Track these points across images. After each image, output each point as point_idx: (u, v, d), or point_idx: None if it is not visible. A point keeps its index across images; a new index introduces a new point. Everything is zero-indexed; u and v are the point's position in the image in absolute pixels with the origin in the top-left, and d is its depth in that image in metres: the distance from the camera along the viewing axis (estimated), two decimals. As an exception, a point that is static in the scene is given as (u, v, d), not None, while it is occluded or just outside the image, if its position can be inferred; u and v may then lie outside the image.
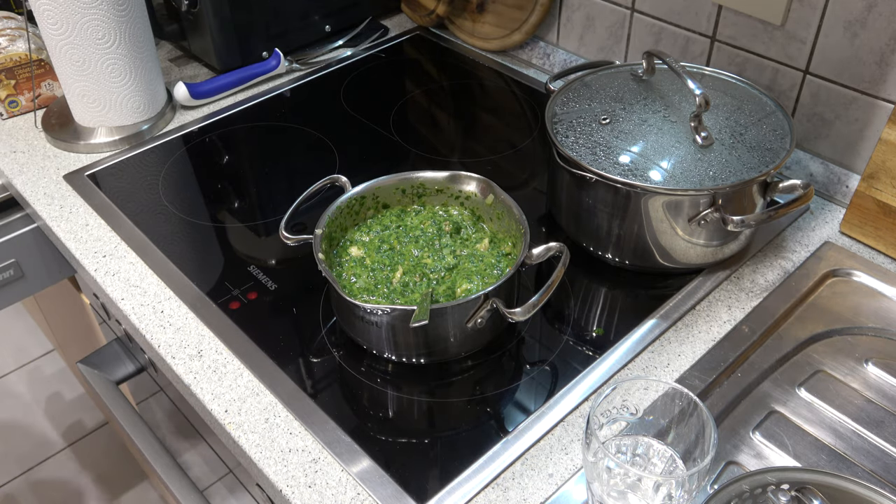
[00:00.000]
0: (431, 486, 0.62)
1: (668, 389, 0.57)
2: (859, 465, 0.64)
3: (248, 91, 1.14)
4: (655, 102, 0.81)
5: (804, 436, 0.67)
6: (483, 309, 0.66)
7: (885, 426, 0.67)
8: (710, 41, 0.95)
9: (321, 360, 0.73)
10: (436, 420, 0.69)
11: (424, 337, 0.68)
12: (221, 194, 0.96)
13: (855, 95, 0.84)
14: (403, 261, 0.75)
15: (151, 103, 1.04)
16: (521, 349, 0.75)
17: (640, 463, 0.58)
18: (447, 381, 0.71)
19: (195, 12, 1.10)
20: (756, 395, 0.70)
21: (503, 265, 0.74)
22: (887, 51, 0.80)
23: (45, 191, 0.96)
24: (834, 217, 0.88)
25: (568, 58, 1.13)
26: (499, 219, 0.76)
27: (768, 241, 0.84)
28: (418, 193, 0.79)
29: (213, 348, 0.74)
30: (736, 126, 0.78)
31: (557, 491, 0.62)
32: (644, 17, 1.01)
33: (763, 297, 0.78)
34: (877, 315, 0.76)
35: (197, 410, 0.73)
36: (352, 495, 0.61)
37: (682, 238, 0.76)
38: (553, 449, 0.65)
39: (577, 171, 0.76)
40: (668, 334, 0.74)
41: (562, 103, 0.84)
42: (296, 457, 0.64)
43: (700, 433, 0.55)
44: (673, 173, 0.74)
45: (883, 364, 0.72)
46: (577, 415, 0.67)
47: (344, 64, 1.20)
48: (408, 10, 1.30)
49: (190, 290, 0.80)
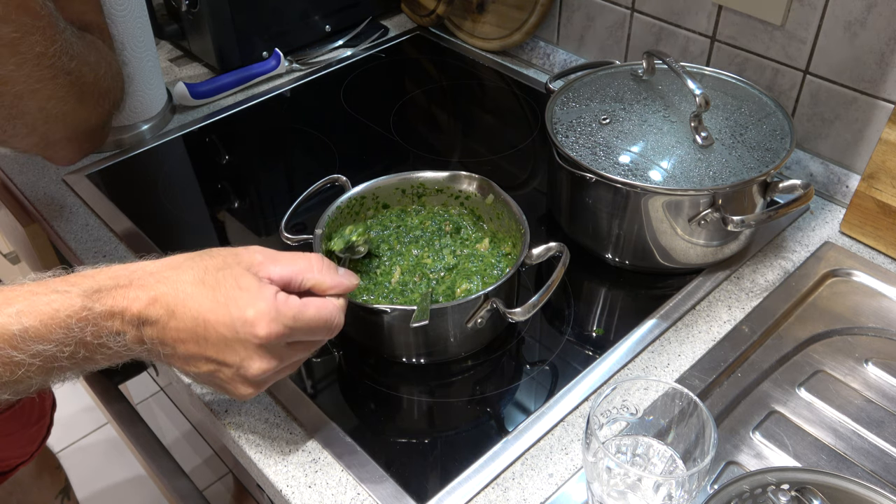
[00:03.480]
0: (431, 486, 0.62)
1: (668, 389, 0.57)
2: (859, 465, 0.64)
3: (248, 91, 1.14)
4: (655, 102, 0.81)
5: (804, 436, 0.67)
6: (483, 309, 0.66)
7: (885, 426, 0.67)
8: (710, 41, 0.95)
9: (321, 360, 0.73)
10: (436, 420, 0.69)
11: (424, 337, 0.68)
12: (221, 194, 0.96)
13: (855, 95, 0.84)
14: (403, 261, 0.75)
15: (151, 103, 1.04)
16: (521, 349, 0.75)
17: (640, 463, 0.58)
18: (447, 381, 0.71)
19: (195, 12, 1.10)
20: (756, 395, 0.70)
21: (503, 265, 0.74)
22: (887, 51, 0.80)
23: (45, 191, 0.96)
24: (834, 217, 0.88)
25: (568, 58, 1.13)
26: (499, 219, 0.76)
27: (768, 241, 0.84)
28: (418, 193, 0.79)
29: (213, 348, 0.74)
30: (736, 126, 0.78)
31: (557, 491, 0.62)
32: (644, 17, 1.01)
33: (763, 297, 0.78)
34: (877, 315, 0.76)
35: (197, 410, 0.72)
36: (352, 495, 0.61)
37: (682, 238, 0.76)
38: (553, 449, 0.65)
39: (577, 171, 0.76)
40: (668, 334, 0.74)
41: (562, 103, 0.84)
42: (296, 457, 0.64)
43: (700, 433, 0.55)
44: (673, 173, 0.74)
45: (883, 364, 0.72)
46: (577, 415, 0.67)
47: (344, 64, 1.20)
48: (408, 10, 1.30)
49: (190, 290, 0.80)
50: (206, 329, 0.52)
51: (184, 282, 0.52)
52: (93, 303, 0.50)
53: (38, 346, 0.48)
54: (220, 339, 0.52)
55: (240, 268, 0.54)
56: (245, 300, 0.52)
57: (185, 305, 0.52)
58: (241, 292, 0.52)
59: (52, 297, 0.49)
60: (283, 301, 0.53)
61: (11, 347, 0.48)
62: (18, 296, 0.50)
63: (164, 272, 0.53)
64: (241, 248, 0.56)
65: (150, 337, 0.52)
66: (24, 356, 0.48)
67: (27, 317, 0.48)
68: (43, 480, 1.05)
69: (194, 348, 0.53)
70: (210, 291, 0.52)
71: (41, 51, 0.66)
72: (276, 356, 0.54)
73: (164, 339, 0.53)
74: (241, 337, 0.52)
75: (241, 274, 0.53)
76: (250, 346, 0.53)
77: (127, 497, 1.63)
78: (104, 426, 1.77)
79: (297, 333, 0.54)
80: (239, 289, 0.53)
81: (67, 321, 0.49)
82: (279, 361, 0.55)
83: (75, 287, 0.50)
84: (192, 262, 0.54)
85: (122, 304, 0.51)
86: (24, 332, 0.48)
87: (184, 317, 0.52)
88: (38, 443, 0.90)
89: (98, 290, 0.51)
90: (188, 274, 0.53)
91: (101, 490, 1.64)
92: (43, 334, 0.49)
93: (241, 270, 0.54)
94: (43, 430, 0.91)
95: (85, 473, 1.63)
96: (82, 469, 1.65)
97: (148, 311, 0.51)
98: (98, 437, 1.75)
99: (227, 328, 0.52)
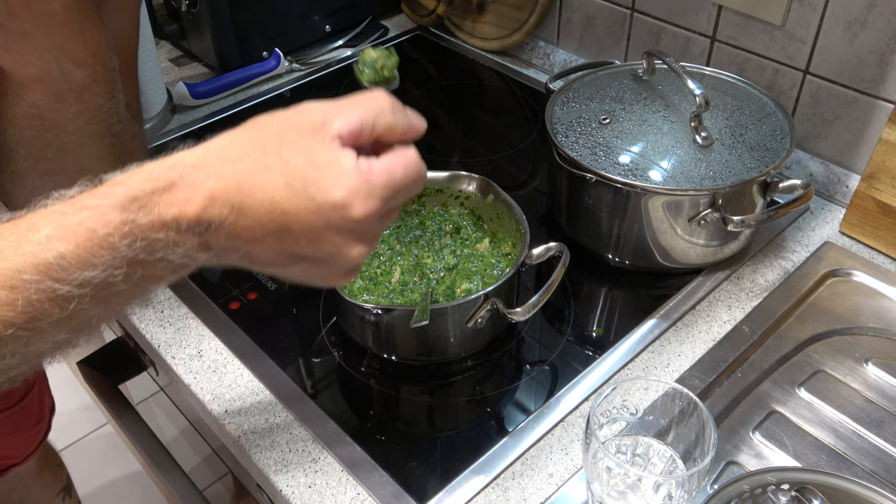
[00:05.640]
0: (431, 486, 0.62)
1: (668, 389, 0.57)
2: (859, 465, 0.64)
3: (248, 91, 1.14)
4: (655, 102, 0.81)
5: (804, 436, 0.67)
6: (483, 309, 0.66)
7: (885, 426, 0.67)
8: (710, 41, 0.95)
9: (321, 360, 0.73)
10: (436, 420, 0.69)
11: (424, 337, 0.68)
12: (221, 194, 0.96)
13: (855, 95, 0.84)
14: (403, 260, 0.75)
15: (151, 103, 1.04)
16: (521, 349, 0.75)
17: (640, 463, 0.58)
18: (447, 381, 0.71)
19: (195, 12, 1.10)
20: (756, 395, 0.70)
21: (503, 265, 0.74)
22: (887, 51, 0.80)
23: (45, 191, 0.96)
24: (834, 217, 0.88)
25: (568, 58, 1.13)
26: (499, 219, 0.76)
27: (768, 241, 0.84)
28: (418, 193, 0.79)
29: (213, 348, 0.74)
30: (736, 126, 0.78)
31: (557, 491, 0.62)
32: (644, 17, 1.01)
33: (763, 297, 0.78)
34: (877, 315, 0.76)
35: (197, 410, 0.73)
36: (352, 495, 0.61)
37: (682, 238, 0.76)
38: (553, 449, 0.65)
39: (577, 171, 0.76)
40: (668, 334, 0.74)
41: (562, 103, 0.84)
42: (296, 457, 0.64)
43: (700, 433, 0.55)
44: (673, 173, 0.74)
45: (883, 364, 0.72)
46: (577, 415, 0.67)
47: (344, 64, 1.20)
48: (408, 10, 1.30)
49: (190, 290, 0.80)
50: (286, 222, 0.43)
51: (242, 171, 0.43)
52: (133, 214, 0.41)
53: (82, 273, 0.41)
54: (306, 230, 0.44)
55: (303, 139, 0.44)
56: (326, 179, 0.43)
57: (254, 198, 0.42)
58: (318, 170, 0.43)
59: (85, 216, 0.41)
60: (369, 170, 0.44)
61: (52, 280, 0.41)
62: (43, 219, 0.42)
63: (211, 163, 0.43)
64: (292, 110, 0.47)
65: (218, 242, 0.44)
66: (69, 287, 0.41)
67: (60, 242, 0.41)
68: (45, 478, 1.05)
69: (276, 246, 0.44)
70: (279, 176, 0.43)
71: (101, 103, 0.62)
72: (373, 232, 0.46)
73: (236, 243, 0.44)
74: (332, 223, 0.44)
75: (308, 146, 0.44)
76: (345, 232, 0.44)
77: (127, 497, 1.63)
78: (104, 426, 1.77)
79: (391, 203, 0.46)
80: (314, 166, 0.43)
81: (109, 240, 0.41)
82: (376, 237, 0.47)
83: (107, 199, 0.42)
84: (243, 143, 0.45)
85: (172, 210, 0.42)
86: (60, 259, 0.40)
87: (255, 212, 0.43)
88: (35, 446, 0.90)
89: (135, 197, 0.42)
90: (244, 162, 0.43)
91: (101, 490, 1.64)
92: (85, 259, 0.41)
93: (307, 141, 0.44)
94: (40, 434, 0.91)
95: (85, 473, 1.63)
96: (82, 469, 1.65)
97: (208, 214, 0.42)
98: (98, 436, 1.75)
99: (315, 216, 0.43)
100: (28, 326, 0.42)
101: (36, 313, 0.41)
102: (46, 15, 0.57)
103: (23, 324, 0.41)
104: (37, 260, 0.40)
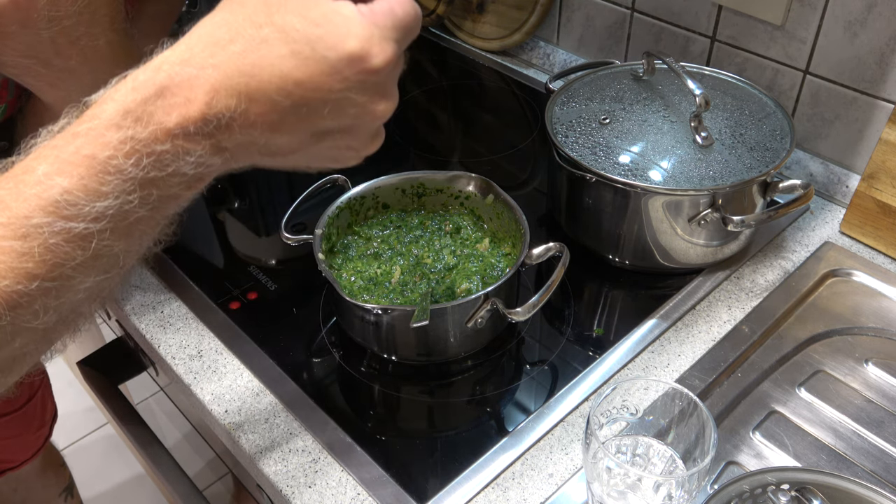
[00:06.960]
0: (431, 487, 0.62)
1: (668, 389, 0.57)
2: (859, 465, 0.64)
3: (248, 91, 1.14)
4: (655, 102, 0.81)
5: (804, 436, 0.67)
6: (483, 309, 0.66)
7: (885, 426, 0.67)
8: (710, 41, 0.95)
9: (321, 360, 0.73)
10: (436, 420, 0.69)
11: (424, 337, 0.68)
12: (221, 194, 0.96)
13: (855, 95, 0.84)
14: (403, 261, 0.75)
15: (151, 103, 1.03)
16: (521, 349, 0.75)
17: (640, 463, 0.58)
18: (447, 381, 0.71)
19: (195, 12, 1.10)
20: (756, 395, 0.70)
21: (503, 265, 0.74)
22: (887, 51, 0.80)
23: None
24: (834, 217, 0.88)
25: (568, 58, 1.13)
26: (499, 219, 0.76)
27: (768, 241, 0.84)
28: (418, 193, 0.79)
29: (213, 348, 0.74)
30: (736, 126, 0.78)
31: (557, 491, 0.62)
32: (644, 17, 1.01)
33: (763, 297, 0.78)
34: (877, 315, 0.76)
35: (197, 410, 0.73)
36: (352, 495, 0.61)
37: (682, 238, 0.76)
38: (553, 449, 0.65)
39: (577, 171, 0.76)
40: (668, 334, 0.74)
41: (562, 103, 0.84)
42: (296, 457, 0.64)
43: (700, 433, 0.55)
44: (673, 173, 0.74)
45: (883, 364, 0.72)
46: (577, 415, 0.67)
47: (344, 64, 1.20)
48: (408, 10, 1.30)
49: (190, 290, 0.80)
50: (302, 94, 0.39)
51: (238, 53, 0.38)
52: (131, 130, 0.38)
53: (94, 205, 0.38)
54: (325, 96, 0.39)
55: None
56: (333, 33, 0.38)
57: (260, 78, 0.38)
58: (321, 26, 0.38)
59: (79, 143, 0.38)
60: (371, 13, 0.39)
61: (64, 219, 0.38)
62: (37, 158, 0.39)
63: (200, 54, 0.39)
64: None
65: (232, 139, 0.40)
66: (85, 224, 0.38)
67: (61, 176, 0.38)
68: (47, 478, 1.05)
69: (296, 125, 0.40)
70: (280, 46, 0.38)
71: None
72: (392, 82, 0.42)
73: (252, 134, 0.40)
74: (353, 81, 0.39)
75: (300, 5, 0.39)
76: (368, 87, 0.40)
77: (127, 497, 1.63)
78: (104, 426, 1.77)
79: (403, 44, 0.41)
80: (315, 24, 0.38)
81: (113, 163, 0.38)
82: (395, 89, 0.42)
83: (97, 120, 0.38)
84: (228, 23, 0.39)
85: (172, 116, 0.38)
86: (66, 194, 0.37)
87: (265, 93, 0.38)
88: (34, 451, 0.90)
89: (126, 111, 0.38)
90: (237, 42, 0.38)
91: (101, 490, 1.64)
92: (93, 189, 0.38)
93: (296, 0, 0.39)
94: (41, 439, 0.91)
95: (85, 473, 1.63)
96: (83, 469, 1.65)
97: (213, 110, 0.38)
98: (98, 436, 1.75)
99: (331, 77, 0.38)
100: (52, 275, 0.39)
101: (57, 259, 0.38)
102: (92, 51, 0.56)
103: (46, 273, 0.38)
104: (42, 201, 0.38)
